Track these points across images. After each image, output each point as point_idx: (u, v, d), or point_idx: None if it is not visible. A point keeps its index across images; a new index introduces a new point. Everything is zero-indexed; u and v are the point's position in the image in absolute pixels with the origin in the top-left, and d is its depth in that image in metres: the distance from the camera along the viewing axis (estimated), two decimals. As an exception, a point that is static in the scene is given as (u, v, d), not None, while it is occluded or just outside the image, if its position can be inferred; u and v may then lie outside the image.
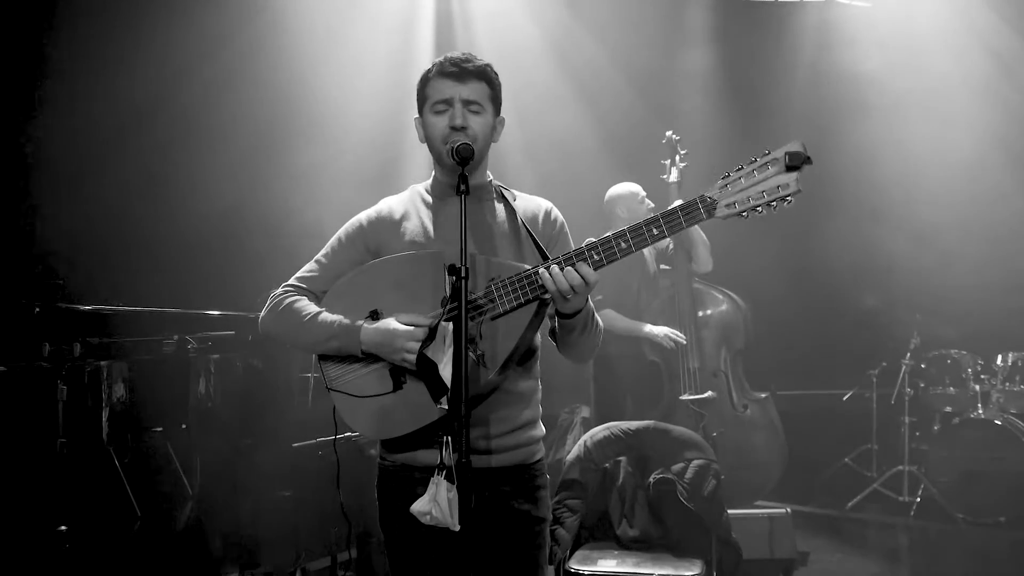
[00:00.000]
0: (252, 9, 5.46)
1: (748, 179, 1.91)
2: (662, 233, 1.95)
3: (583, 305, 2.05)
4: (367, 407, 2.09)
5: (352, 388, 2.10)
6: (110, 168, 4.91)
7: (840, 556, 4.94)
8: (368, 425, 2.12)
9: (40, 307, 3.71)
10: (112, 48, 4.95)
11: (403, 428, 2.07)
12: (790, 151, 1.88)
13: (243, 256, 4.96)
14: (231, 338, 4.25)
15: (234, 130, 5.18)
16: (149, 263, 4.87)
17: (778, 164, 1.89)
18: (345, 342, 2.07)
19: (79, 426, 3.64)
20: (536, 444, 2.22)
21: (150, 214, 4.93)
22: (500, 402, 2.11)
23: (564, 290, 1.95)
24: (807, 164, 1.88)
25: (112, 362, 3.77)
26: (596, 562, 3.32)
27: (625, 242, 1.96)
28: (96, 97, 4.87)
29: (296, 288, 2.20)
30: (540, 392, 2.25)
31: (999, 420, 5.38)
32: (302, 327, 2.12)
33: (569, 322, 2.07)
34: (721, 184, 1.93)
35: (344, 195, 4.62)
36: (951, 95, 6.34)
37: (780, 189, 1.89)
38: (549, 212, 2.25)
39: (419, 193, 2.26)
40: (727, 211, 1.92)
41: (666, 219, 1.95)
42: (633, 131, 6.17)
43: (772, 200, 1.90)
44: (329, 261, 2.21)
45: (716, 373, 4.75)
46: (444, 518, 1.87)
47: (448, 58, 2.14)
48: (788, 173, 1.88)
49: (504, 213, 2.21)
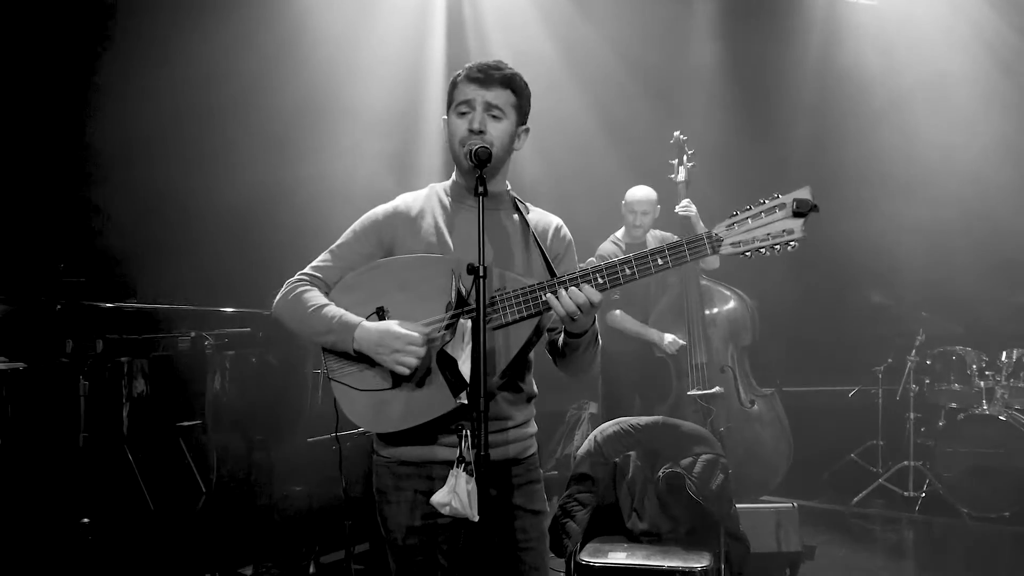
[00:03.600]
0: (272, 17, 5.51)
1: (755, 220, 1.96)
2: (666, 264, 2.01)
3: (590, 325, 2.10)
4: (365, 399, 2.13)
5: (353, 380, 2.13)
6: (130, 170, 4.96)
7: (846, 550, 4.98)
8: (365, 417, 2.14)
9: (63, 305, 3.76)
10: (138, 58, 5.01)
11: (398, 424, 2.10)
12: (798, 198, 1.93)
13: (260, 253, 5.01)
14: (246, 335, 4.29)
15: (252, 131, 5.23)
16: (169, 260, 4.92)
17: (786, 209, 1.94)
18: (340, 338, 2.10)
19: (100, 421, 3.69)
20: (529, 440, 2.26)
21: (171, 212, 4.98)
22: (495, 406, 2.14)
23: (571, 311, 1.99)
24: (814, 212, 1.92)
25: (132, 358, 3.82)
26: (607, 554, 3.36)
27: (630, 268, 2.02)
28: (116, 104, 4.92)
29: (311, 277, 2.22)
30: (535, 397, 2.29)
31: (1004, 416, 5.42)
32: (306, 317, 2.14)
33: (576, 341, 2.12)
34: (728, 223, 1.98)
35: (360, 194, 4.66)
36: (957, 93, 6.36)
37: (785, 234, 1.94)
38: (559, 229, 2.31)
39: (437, 193, 2.29)
40: (732, 249, 1.98)
41: (672, 251, 2.00)
42: (641, 130, 6.20)
43: (776, 244, 1.95)
44: (343, 253, 2.23)
45: (723, 369, 4.79)
46: (464, 509, 1.91)
47: (478, 63, 2.17)
48: (795, 219, 1.93)
49: (518, 224, 2.24)
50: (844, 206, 6.54)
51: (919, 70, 6.40)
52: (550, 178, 5.87)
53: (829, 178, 6.32)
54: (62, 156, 4.88)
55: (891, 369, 6.12)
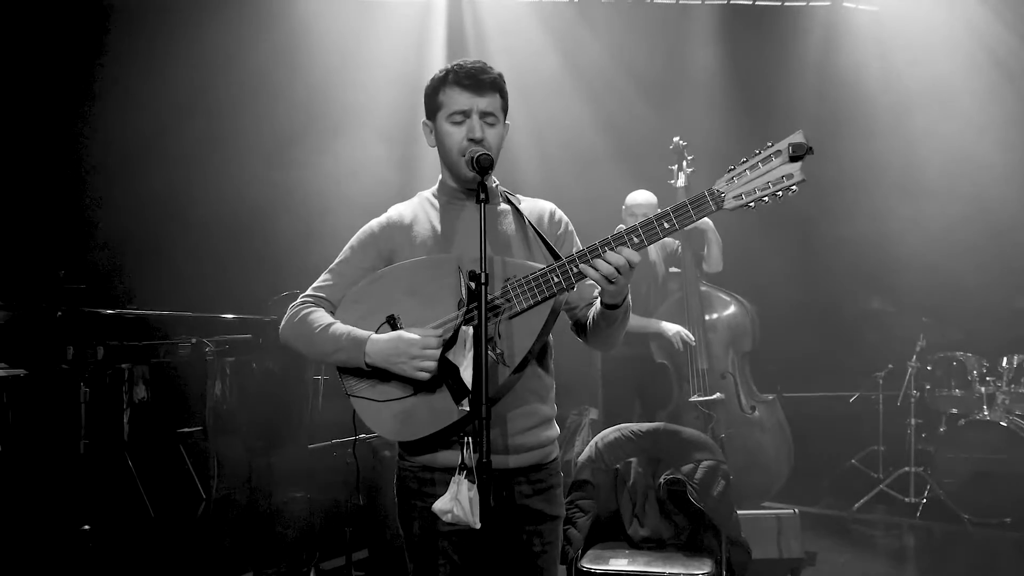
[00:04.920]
0: (271, 21, 5.52)
1: (753, 171, 1.96)
2: (673, 227, 1.99)
3: (627, 292, 2.09)
4: (390, 410, 2.11)
5: (373, 393, 2.12)
6: (131, 175, 4.97)
7: (847, 556, 4.97)
8: (392, 428, 2.14)
9: (63, 311, 3.76)
10: (137, 64, 5.01)
11: (425, 429, 2.10)
12: (793, 142, 1.95)
13: (261, 260, 5.02)
14: (247, 341, 4.29)
15: (253, 137, 5.24)
16: (168, 266, 4.92)
17: (782, 155, 1.95)
18: (351, 355, 2.09)
19: (101, 427, 3.69)
20: (552, 444, 2.28)
21: (171, 218, 4.99)
22: (519, 399, 2.15)
23: (609, 273, 1.97)
24: (809, 154, 1.93)
25: (133, 365, 3.82)
26: (608, 561, 3.36)
27: (637, 237, 2.00)
28: (116, 109, 4.93)
29: (314, 299, 2.20)
30: (555, 389, 2.30)
31: (1004, 422, 5.42)
32: (314, 338, 2.13)
33: (613, 313, 2.10)
34: (728, 177, 1.98)
35: (362, 200, 4.67)
36: (958, 99, 6.35)
37: (785, 179, 1.95)
38: (553, 213, 2.30)
39: (427, 199, 2.29)
40: (735, 203, 1.97)
41: (676, 213, 1.98)
42: (641, 136, 6.21)
43: (778, 190, 1.95)
44: (343, 270, 2.22)
45: (724, 375, 4.79)
46: (465, 517, 1.90)
47: (463, 68, 2.15)
48: (792, 163, 1.94)
49: (512, 216, 2.24)
50: (844, 212, 6.56)
51: (919, 75, 6.40)
52: (550, 183, 5.87)
53: (829, 184, 6.31)
54: (62, 163, 4.90)
55: (892, 375, 6.12)
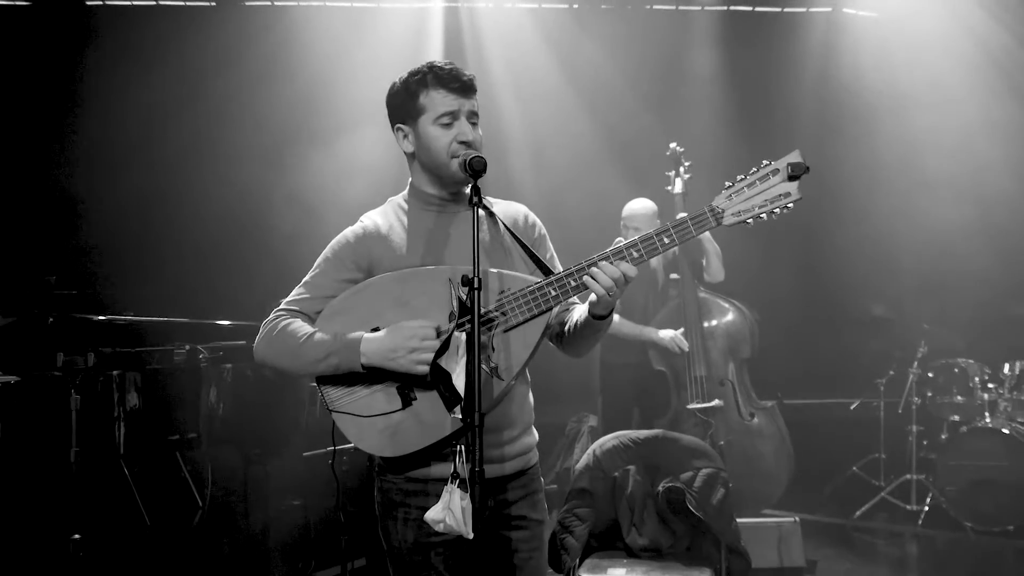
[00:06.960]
0: (263, 26, 5.51)
1: (752, 188, 2.03)
2: (672, 242, 2.02)
3: (615, 304, 2.09)
4: (375, 426, 2.04)
5: (357, 408, 2.05)
6: (122, 180, 4.95)
7: (849, 565, 4.94)
8: (378, 444, 2.06)
9: (54, 317, 3.73)
10: (128, 67, 5.00)
11: (414, 445, 2.04)
12: (792, 162, 2.00)
13: (254, 266, 4.99)
14: (242, 348, 4.27)
15: (247, 142, 5.23)
16: (161, 272, 4.91)
17: (780, 174, 2.01)
18: (344, 358, 2.01)
19: (92, 435, 3.65)
20: (533, 450, 2.25)
21: (164, 224, 4.97)
22: (506, 407, 2.12)
23: (609, 287, 1.98)
24: (806, 173, 2.00)
25: (125, 372, 3.78)
26: (606, 570, 3.33)
27: (637, 251, 2.02)
28: (105, 114, 4.92)
29: (288, 312, 2.11)
30: (532, 395, 2.26)
31: (1006, 429, 5.38)
32: (299, 348, 2.03)
33: (599, 323, 2.10)
34: (727, 194, 2.03)
35: (354, 206, 4.65)
36: (958, 104, 6.34)
37: (783, 198, 2.03)
38: (527, 216, 2.27)
39: (399, 205, 2.23)
40: (734, 219, 2.02)
41: (676, 228, 2.02)
42: (638, 142, 6.19)
43: (776, 208, 2.02)
44: (319, 282, 2.14)
45: (723, 382, 4.76)
46: (458, 526, 1.87)
47: (444, 69, 2.10)
48: (790, 182, 2.01)
49: (486, 221, 2.19)
50: (844, 218, 6.54)
51: (919, 81, 6.39)
52: (548, 190, 5.85)
53: (829, 190, 6.30)
54: (53, 170, 4.88)
55: (893, 382, 6.09)
